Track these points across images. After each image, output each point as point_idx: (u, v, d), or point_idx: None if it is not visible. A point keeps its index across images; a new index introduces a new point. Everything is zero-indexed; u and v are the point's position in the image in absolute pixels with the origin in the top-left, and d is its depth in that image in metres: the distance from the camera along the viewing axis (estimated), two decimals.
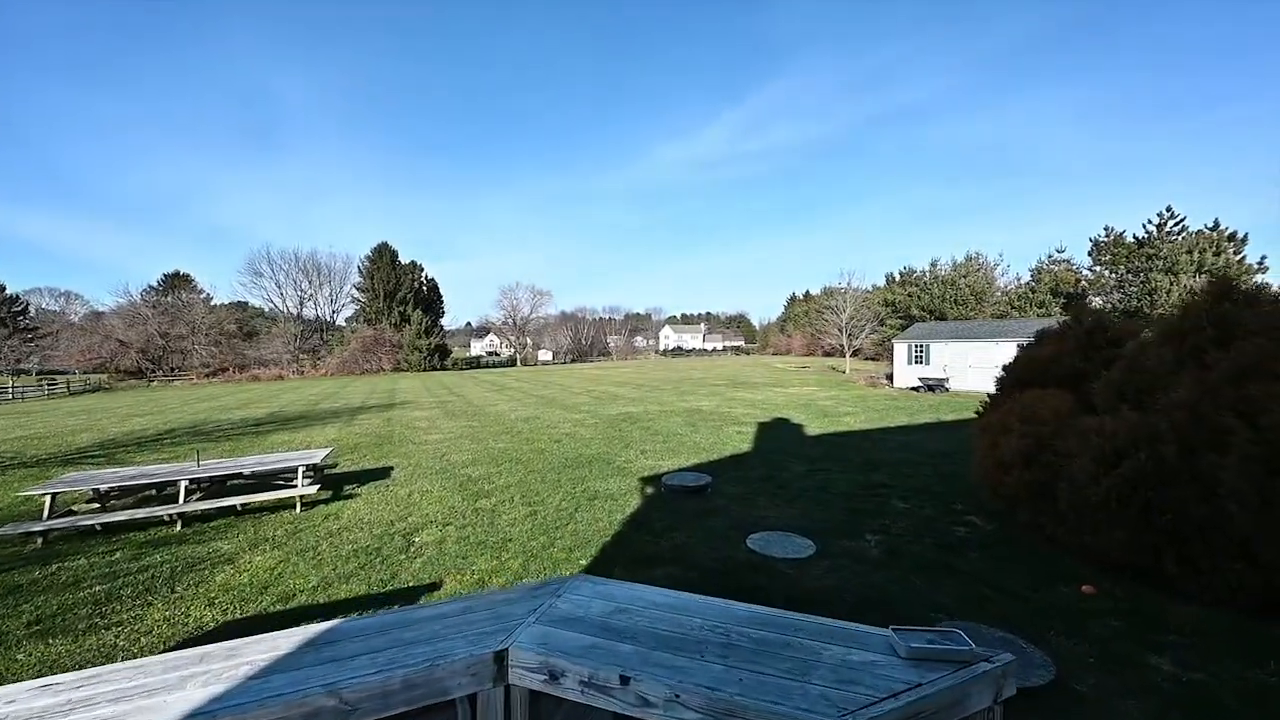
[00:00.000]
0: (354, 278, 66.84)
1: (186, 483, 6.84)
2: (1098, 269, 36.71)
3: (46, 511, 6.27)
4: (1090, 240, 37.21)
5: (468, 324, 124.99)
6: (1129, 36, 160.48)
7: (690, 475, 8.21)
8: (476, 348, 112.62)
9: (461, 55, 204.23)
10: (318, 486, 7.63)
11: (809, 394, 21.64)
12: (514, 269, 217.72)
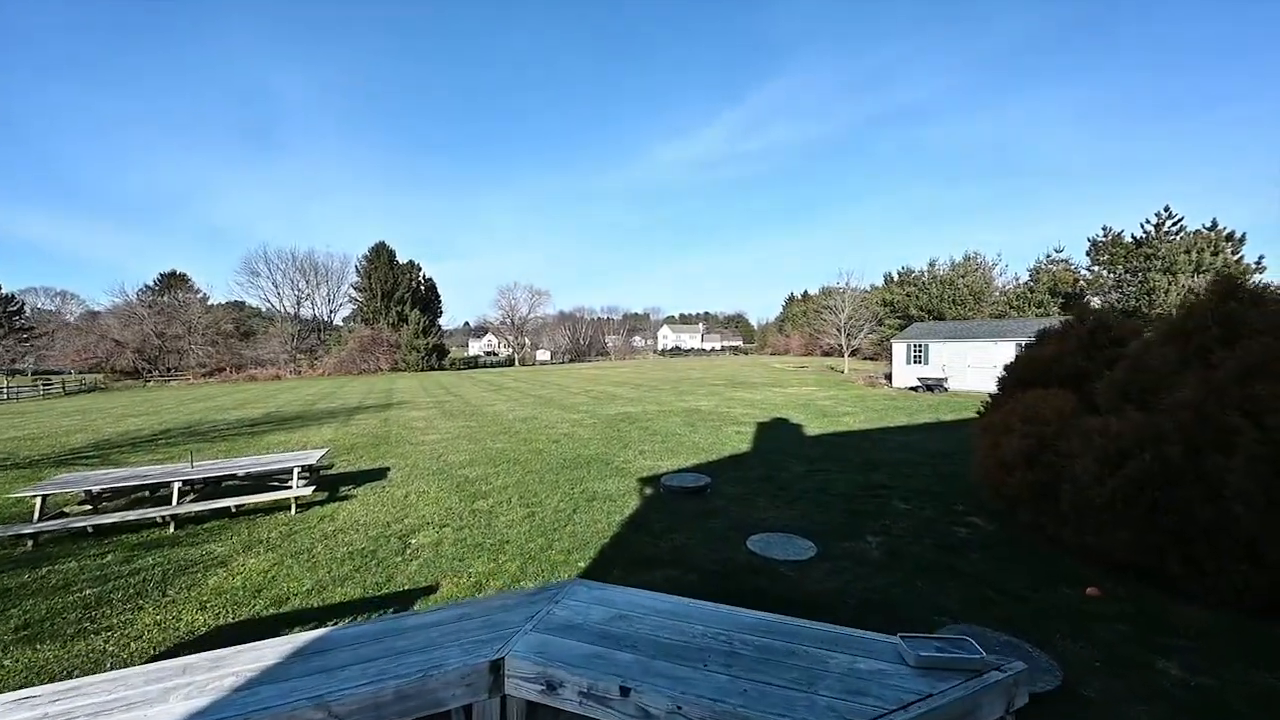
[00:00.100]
0: (351, 277, 66.80)
1: (180, 484, 6.76)
2: (1096, 269, 36.73)
3: (37, 513, 6.19)
4: (1088, 240, 37.26)
5: (466, 324, 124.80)
6: (1128, 36, 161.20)
7: (689, 476, 8.14)
8: (474, 347, 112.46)
9: (461, 54, 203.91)
10: (313, 488, 7.55)
11: (808, 394, 21.60)
12: (512, 269, 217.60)
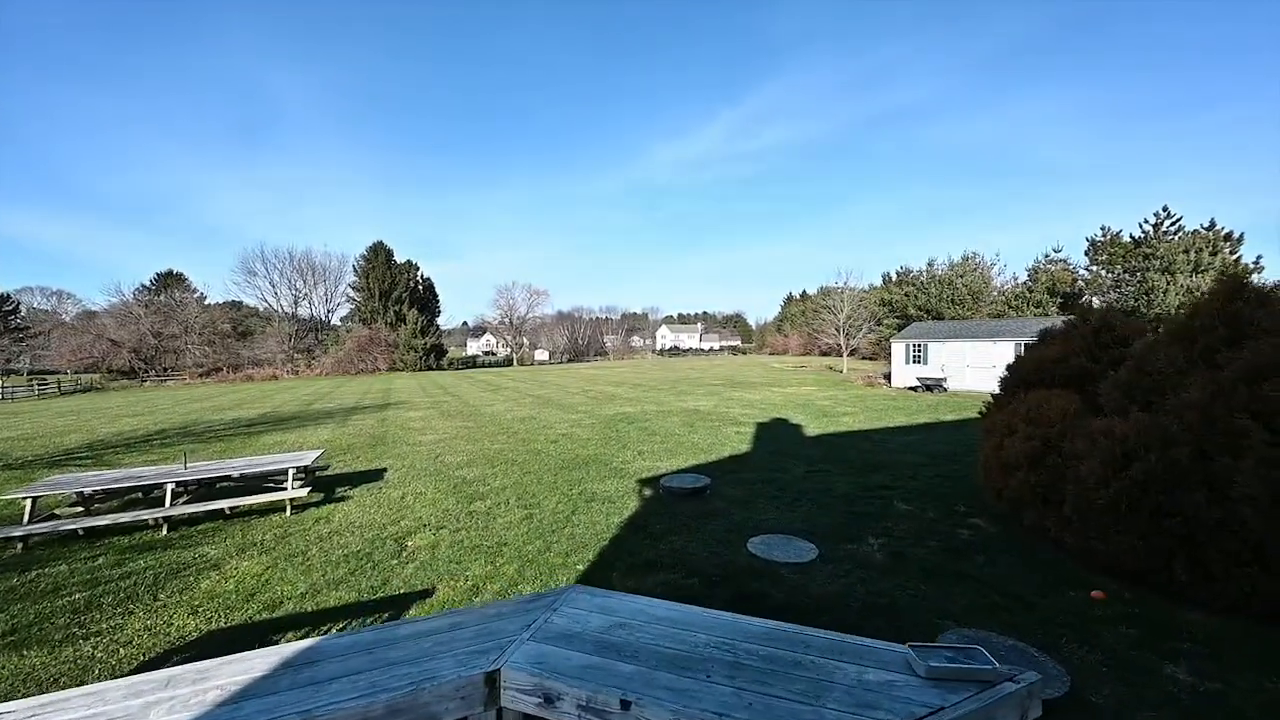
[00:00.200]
0: (349, 277, 66.49)
1: (173, 486, 6.67)
2: (1094, 269, 36.69)
3: (27, 515, 6.09)
4: (1087, 240, 37.20)
5: (464, 324, 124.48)
6: (1127, 37, 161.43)
7: (689, 477, 8.07)
8: (473, 347, 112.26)
9: (459, 54, 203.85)
10: (308, 489, 7.47)
11: (807, 394, 21.55)
12: (511, 268, 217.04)
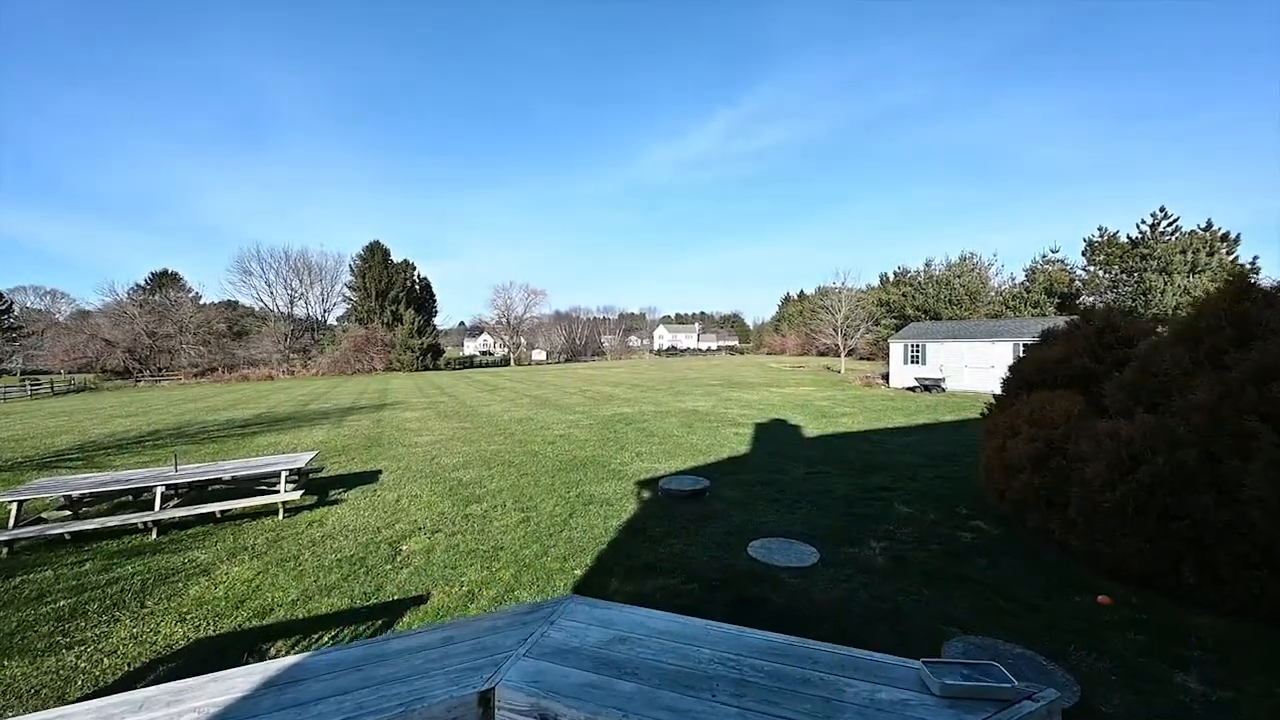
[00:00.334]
0: (345, 276, 66.16)
1: (163, 489, 6.55)
2: (1092, 269, 36.75)
3: (12, 520, 5.97)
4: (1084, 240, 37.29)
5: (461, 323, 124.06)
6: (1127, 37, 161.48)
7: (688, 479, 7.99)
8: (470, 347, 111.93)
9: (456, 54, 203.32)
10: (302, 492, 7.35)
11: (805, 394, 21.49)
12: (508, 268, 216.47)
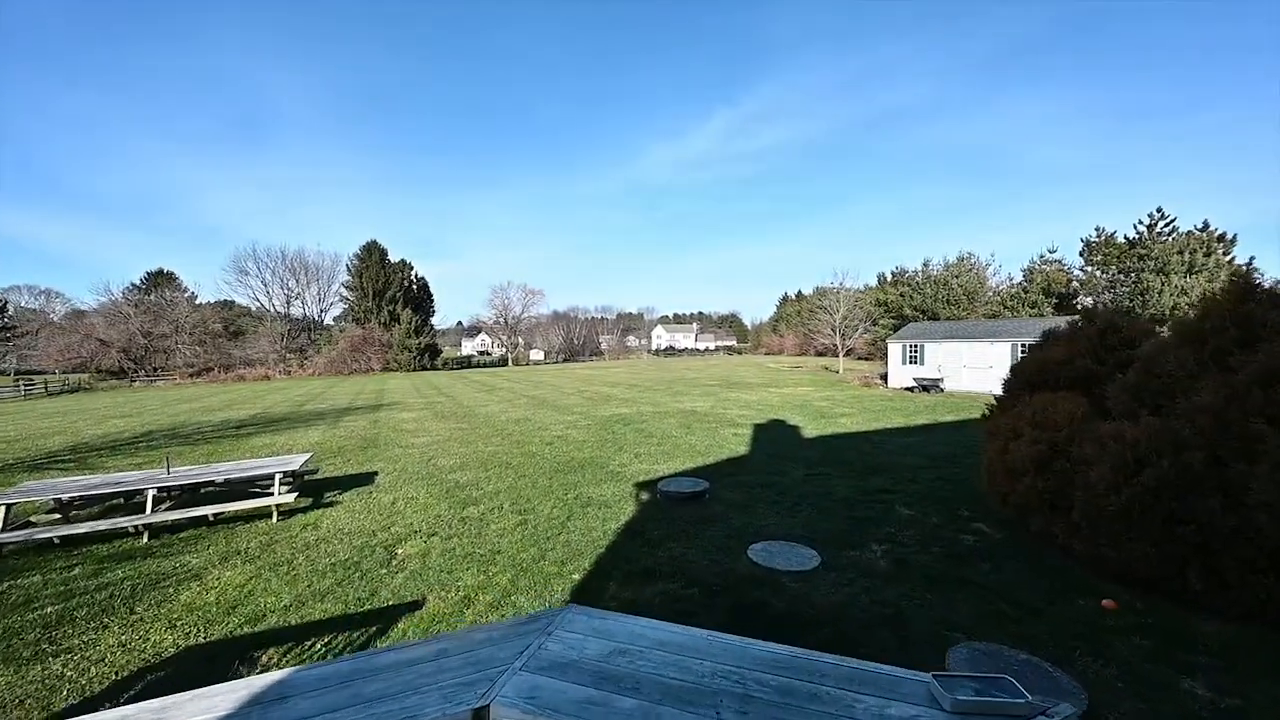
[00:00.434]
0: (342, 276, 65.82)
1: (154, 491, 6.45)
2: (1089, 269, 36.82)
3: (0, 523, 5.86)
4: (1081, 240, 37.32)
5: (459, 323, 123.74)
6: (1127, 37, 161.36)
7: (687, 481, 7.92)
8: (467, 347, 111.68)
9: (454, 53, 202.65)
10: (296, 494, 7.26)
11: (804, 394, 21.44)
12: (506, 268, 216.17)
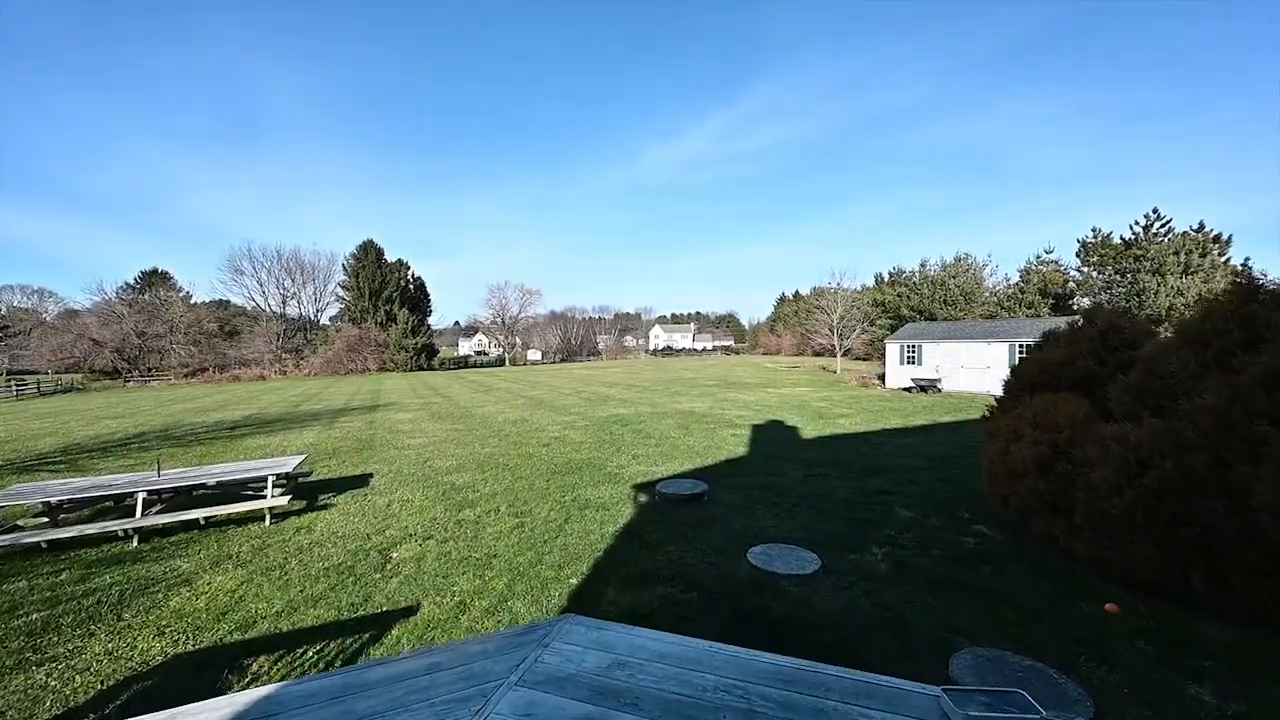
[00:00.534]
0: (338, 276, 65.53)
1: (145, 494, 6.35)
2: (1085, 270, 36.94)
3: None
4: (1078, 241, 37.45)
5: (456, 323, 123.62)
6: (1126, 37, 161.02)
7: (685, 482, 7.86)
8: (464, 347, 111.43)
9: (452, 53, 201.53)
10: (289, 497, 7.16)
11: (802, 395, 21.41)
12: (503, 268, 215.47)
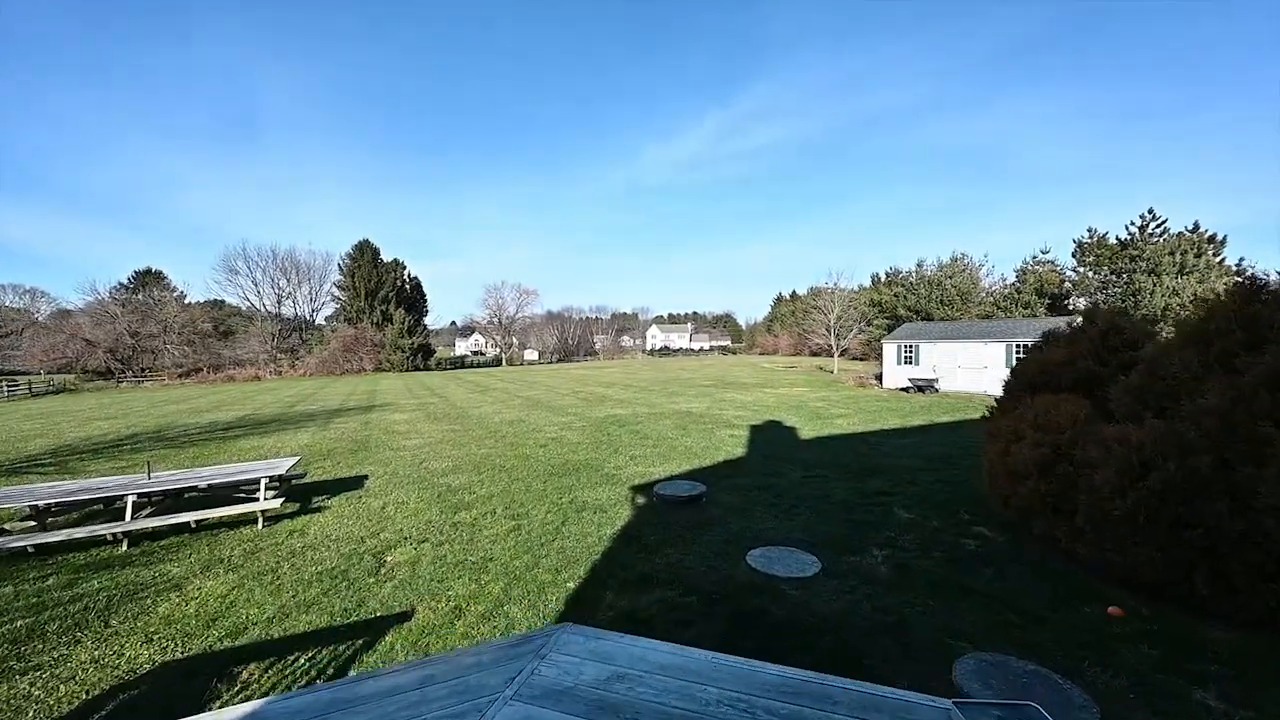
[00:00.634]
0: (334, 276, 65.20)
1: (135, 497, 6.25)
2: (1081, 270, 37.04)
3: None
4: (1074, 241, 37.53)
5: (452, 323, 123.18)
6: (1126, 37, 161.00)
7: (684, 484, 7.80)
8: (461, 347, 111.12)
9: (449, 53, 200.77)
10: (282, 499, 7.06)
11: (799, 395, 21.39)
12: (500, 268, 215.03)
